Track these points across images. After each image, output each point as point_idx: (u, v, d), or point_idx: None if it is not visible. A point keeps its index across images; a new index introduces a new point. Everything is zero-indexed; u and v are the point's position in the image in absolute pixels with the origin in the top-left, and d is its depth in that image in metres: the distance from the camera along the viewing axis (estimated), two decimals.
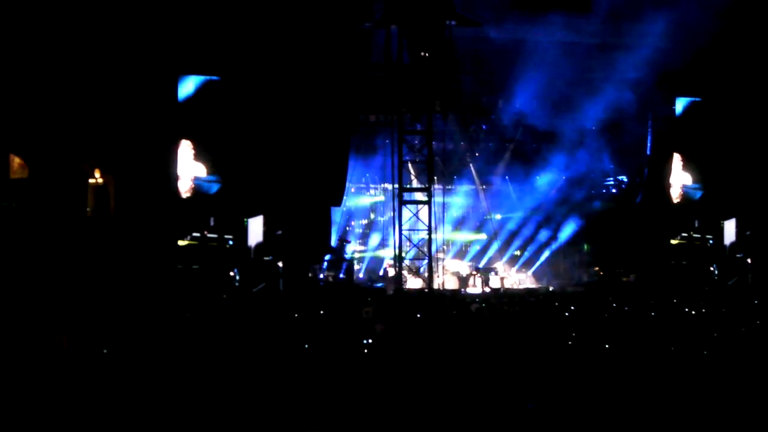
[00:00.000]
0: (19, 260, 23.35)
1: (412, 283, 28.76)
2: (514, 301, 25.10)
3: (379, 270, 32.04)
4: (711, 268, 31.07)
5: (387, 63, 26.51)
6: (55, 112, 24.63)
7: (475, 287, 30.57)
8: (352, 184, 32.17)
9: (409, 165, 28.26)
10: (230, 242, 27.76)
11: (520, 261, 33.17)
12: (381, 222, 32.56)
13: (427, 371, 15.99)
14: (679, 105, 31.55)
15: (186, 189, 27.51)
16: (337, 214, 31.05)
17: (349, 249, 30.82)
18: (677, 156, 31.57)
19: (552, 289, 30.57)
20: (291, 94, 27.06)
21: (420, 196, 27.51)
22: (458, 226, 33.13)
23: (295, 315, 21.46)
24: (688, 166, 31.66)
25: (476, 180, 33.81)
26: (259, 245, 28.17)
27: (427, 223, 27.11)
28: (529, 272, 33.14)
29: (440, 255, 29.95)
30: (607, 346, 18.05)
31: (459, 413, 13.82)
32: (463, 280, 30.87)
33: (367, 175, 32.84)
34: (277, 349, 17.68)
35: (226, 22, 25.97)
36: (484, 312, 22.61)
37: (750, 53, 29.38)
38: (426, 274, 27.50)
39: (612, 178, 33.36)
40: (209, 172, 27.60)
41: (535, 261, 33.05)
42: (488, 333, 19.61)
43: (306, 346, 18.03)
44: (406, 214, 27.42)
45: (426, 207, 27.14)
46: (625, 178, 33.14)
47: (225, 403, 15.71)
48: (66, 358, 16.28)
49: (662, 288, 27.48)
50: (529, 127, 32.71)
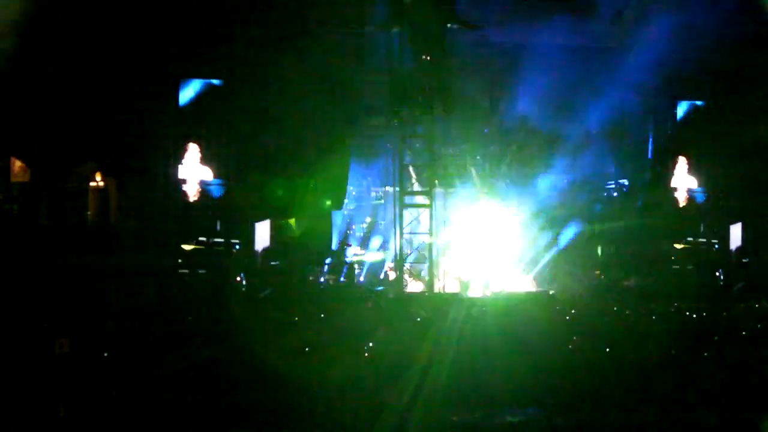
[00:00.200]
0: (19, 264, 23.35)
1: (413, 286, 28.70)
2: (515, 305, 25.05)
3: (379, 273, 31.98)
4: (716, 274, 30.97)
5: (388, 66, 26.47)
6: (55, 115, 24.63)
7: (476, 290, 30.50)
8: (354, 188, 32.13)
9: (411, 168, 28.18)
10: (237, 247, 27.64)
11: (522, 264, 33.07)
12: (382, 225, 32.48)
13: (429, 374, 15.98)
14: (684, 108, 31.49)
15: (193, 193, 27.41)
16: (338, 218, 30.99)
17: (349, 252, 30.77)
18: (683, 159, 31.44)
19: (553, 292, 30.50)
20: (291, 98, 27.03)
21: (421, 199, 27.46)
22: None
23: (295, 318, 21.45)
24: (693, 169, 31.56)
25: (478, 183, 33.75)
26: (266, 250, 28.06)
27: (428, 226, 27.05)
28: (530, 275, 33.06)
29: (441, 258, 29.88)
30: (607, 349, 18.03)
31: (462, 414, 13.81)
32: (464, 284, 30.79)
33: (369, 178, 32.79)
34: (277, 350, 17.67)
35: (227, 25, 25.99)
36: (485, 315, 22.58)
37: (754, 56, 29.34)
38: (427, 277, 27.43)
39: (613, 181, 33.28)
40: (216, 176, 27.63)
41: (537, 264, 32.97)
42: (489, 336, 19.59)
43: (306, 349, 18.03)
44: (408, 218, 27.35)
45: (427, 210, 27.09)
46: (626, 181, 33.06)
47: (226, 404, 15.69)
48: (66, 362, 16.26)
49: (665, 293, 27.32)
50: (531, 131, 32.66)
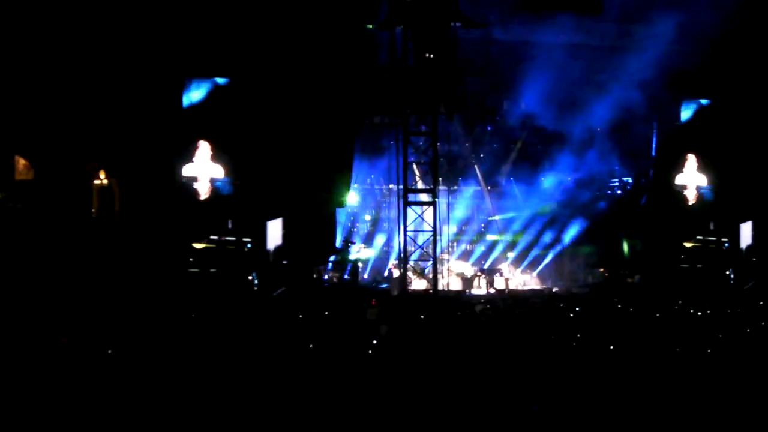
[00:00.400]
0: (24, 261, 23.40)
1: (417, 284, 28.76)
2: (519, 303, 25.08)
3: (383, 271, 32.05)
4: (727, 272, 30.89)
5: (392, 64, 26.51)
6: (60, 113, 24.68)
7: (479, 288, 30.56)
8: (358, 185, 32.18)
9: (414, 166, 28.24)
10: (249, 245, 27.61)
11: (525, 262, 33.15)
12: (386, 225, 32.55)
13: (432, 372, 15.99)
14: (691, 107, 31.43)
15: (204, 191, 27.39)
16: (341, 215, 31.03)
17: (353, 250, 30.81)
18: (693, 157, 31.36)
19: (556, 290, 30.54)
20: (297, 96, 27.06)
21: (425, 197, 27.51)
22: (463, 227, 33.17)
23: (300, 316, 21.47)
24: (702, 167, 31.47)
25: (481, 181, 33.82)
26: (278, 248, 28.03)
27: (431, 224, 27.11)
28: (533, 273, 33.12)
29: (445, 256, 29.95)
30: (611, 347, 18.03)
31: (463, 415, 13.82)
32: (468, 282, 30.86)
33: (372, 176, 32.85)
34: (282, 350, 17.68)
35: (233, 24, 26.01)
36: (488, 313, 22.60)
37: (760, 54, 29.28)
38: (431, 275, 27.48)
39: (617, 179, 33.31)
40: (227, 174, 27.69)
41: (540, 262, 33.03)
42: (493, 334, 19.60)
43: (311, 346, 18.05)
44: (411, 216, 27.40)
45: (431, 208, 27.14)
46: (630, 179, 33.07)
47: (229, 404, 15.72)
48: (70, 359, 16.30)
49: (675, 291, 27.23)
50: (535, 129, 32.71)
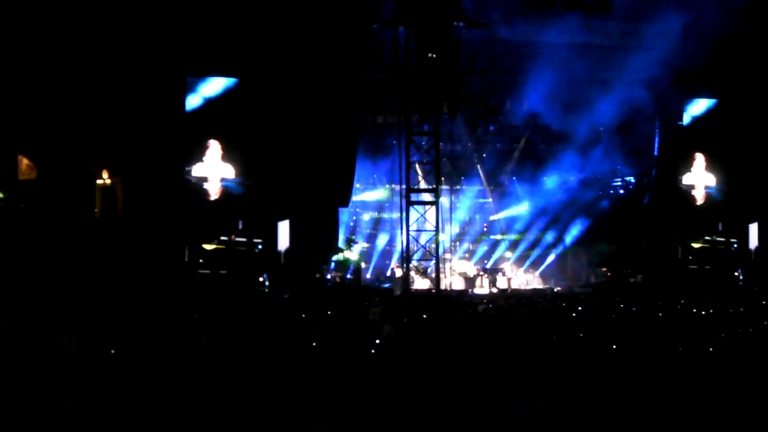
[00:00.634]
0: (27, 260, 23.44)
1: (420, 284, 28.75)
2: (522, 302, 25.08)
3: (386, 271, 32.08)
4: (735, 273, 30.75)
5: (395, 64, 26.50)
6: (63, 113, 24.73)
7: (482, 288, 30.57)
8: (361, 185, 32.20)
9: (417, 166, 28.22)
10: (260, 246, 27.59)
11: (528, 262, 33.17)
12: (388, 226, 32.57)
13: (435, 372, 16.00)
14: (698, 106, 31.38)
15: (215, 191, 27.40)
16: (344, 215, 31.05)
17: (354, 249, 30.80)
18: (701, 156, 31.30)
19: (559, 289, 30.55)
20: (299, 95, 27.09)
21: (427, 196, 27.48)
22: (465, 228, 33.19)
23: (303, 315, 21.49)
24: (710, 167, 31.40)
25: (484, 181, 33.84)
26: (288, 250, 27.97)
27: (434, 223, 27.09)
28: (536, 273, 33.13)
29: (447, 256, 29.94)
30: (614, 346, 18.03)
31: (465, 414, 13.83)
32: (471, 281, 30.88)
33: (375, 176, 32.88)
34: (285, 348, 17.71)
35: (237, 24, 26.05)
36: (491, 313, 22.61)
37: (767, 54, 29.23)
38: (433, 274, 27.47)
39: (620, 178, 33.30)
40: (238, 174, 27.57)
41: (543, 262, 33.05)
42: (495, 333, 19.61)
43: (314, 344, 18.07)
44: (414, 215, 27.38)
45: (433, 208, 27.12)
46: (632, 179, 33.06)
47: (232, 402, 15.74)
48: (73, 358, 16.33)
49: (678, 291, 27.17)
50: (538, 128, 32.71)
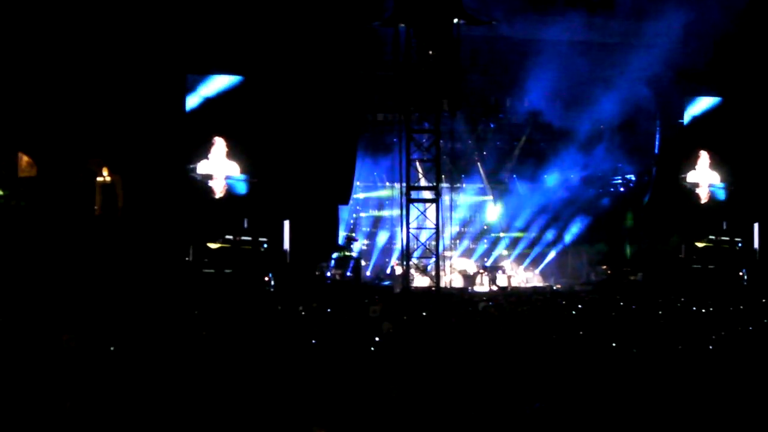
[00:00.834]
0: (27, 258, 23.44)
1: (420, 281, 28.77)
2: (522, 300, 25.08)
3: (386, 268, 32.08)
4: (740, 273, 30.67)
5: (395, 62, 26.51)
6: (63, 110, 24.73)
7: (482, 286, 30.58)
8: (361, 183, 32.19)
9: (417, 164, 28.23)
10: (265, 245, 27.56)
11: (528, 259, 33.17)
12: (388, 220, 32.57)
13: (434, 370, 15.99)
14: (701, 104, 31.37)
15: (220, 189, 27.44)
16: (344, 212, 31.05)
17: (355, 247, 30.82)
18: (705, 154, 31.29)
19: (559, 287, 30.55)
20: (300, 93, 27.09)
21: (427, 194, 27.48)
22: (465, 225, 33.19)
23: (302, 312, 21.48)
24: (715, 165, 31.33)
25: (484, 179, 33.83)
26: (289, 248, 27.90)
27: (434, 221, 27.08)
28: (536, 271, 33.13)
29: (447, 253, 29.93)
30: (614, 344, 18.02)
31: (465, 412, 13.82)
32: (471, 279, 30.88)
33: (375, 173, 32.87)
34: (283, 346, 17.70)
35: (236, 21, 26.04)
36: (491, 311, 22.59)
37: None
38: (433, 272, 27.47)
39: (620, 176, 33.28)
40: (243, 171, 27.53)
41: (543, 260, 33.05)
42: (495, 331, 19.61)
43: (313, 341, 18.06)
44: (414, 213, 27.38)
45: (433, 205, 27.12)
46: (633, 176, 33.03)
47: (231, 400, 15.72)
48: (73, 356, 16.32)
49: (678, 289, 27.11)
50: (538, 126, 32.70)
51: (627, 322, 20.88)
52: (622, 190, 33.34)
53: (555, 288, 30.34)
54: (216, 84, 27.11)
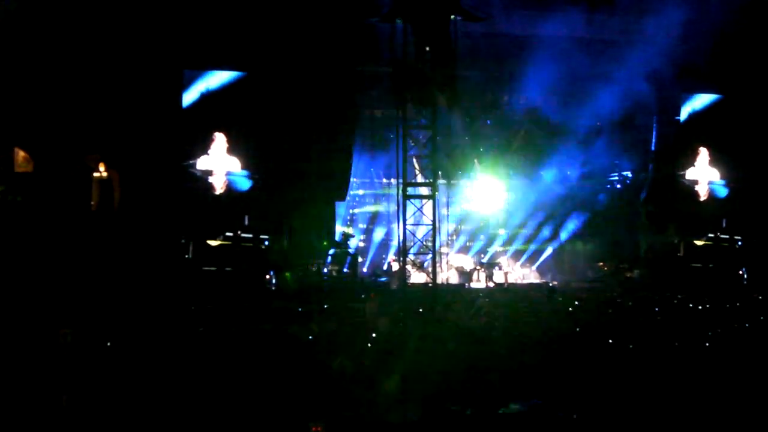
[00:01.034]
0: (23, 253, 23.40)
1: (416, 277, 28.73)
2: (518, 297, 25.09)
3: (383, 265, 32.06)
4: (740, 272, 30.60)
5: (392, 58, 26.45)
6: (59, 106, 24.67)
7: (479, 282, 30.56)
8: (358, 179, 32.15)
9: (414, 160, 28.15)
10: (266, 243, 27.45)
11: (525, 256, 33.14)
12: (385, 216, 32.54)
13: (432, 366, 15.98)
14: (701, 100, 31.32)
15: (220, 185, 27.38)
16: (341, 208, 31.02)
17: (351, 243, 30.79)
18: (705, 151, 31.19)
19: (555, 284, 30.53)
20: (296, 89, 27.06)
21: (424, 190, 27.40)
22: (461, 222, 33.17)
23: (299, 309, 21.48)
24: (714, 161, 31.22)
25: (481, 175, 33.77)
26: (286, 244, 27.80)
27: (431, 218, 27.01)
28: (533, 267, 33.11)
29: (444, 249, 29.91)
30: (610, 341, 18.04)
31: (463, 408, 13.83)
32: (467, 275, 30.86)
33: (372, 169, 32.82)
34: (280, 342, 17.69)
35: (235, 18, 26.02)
36: (488, 307, 22.60)
37: None
38: (430, 268, 27.42)
39: (617, 173, 33.25)
40: (244, 167, 27.35)
41: (540, 256, 33.02)
42: (491, 327, 19.61)
43: (310, 337, 18.07)
44: (411, 209, 27.30)
45: (430, 201, 27.04)
46: (630, 173, 33.01)
47: (228, 397, 15.69)
48: (69, 351, 16.31)
49: (675, 286, 27.10)
50: (536, 122, 32.64)
51: (623, 320, 20.91)
52: (618, 186, 33.31)
53: (552, 284, 30.33)
54: (214, 79, 27.06)
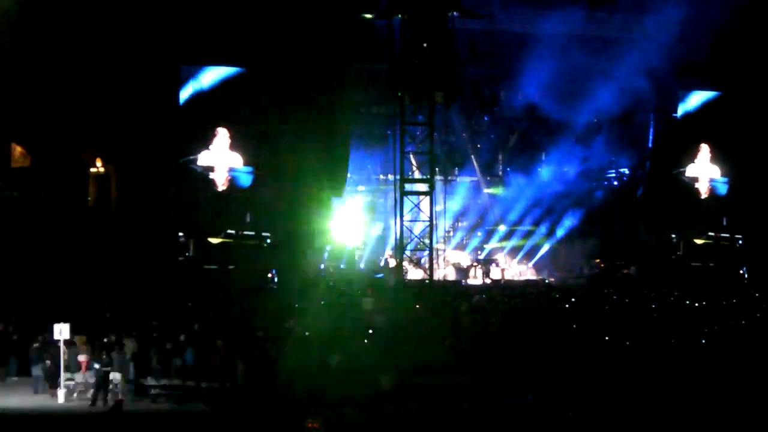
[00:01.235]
0: (20, 248, 23.39)
1: (413, 274, 28.68)
2: (515, 293, 25.07)
3: (380, 261, 32.00)
4: (740, 271, 30.49)
5: (390, 54, 26.44)
6: (56, 102, 24.64)
7: (475, 278, 30.53)
8: (355, 175, 32.06)
9: (411, 156, 28.11)
10: (268, 240, 27.34)
11: (521, 253, 33.10)
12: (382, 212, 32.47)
13: (429, 362, 16.02)
14: (699, 98, 31.26)
15: (222, 181, 27.29)
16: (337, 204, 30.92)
17: (348, 240, 30.71)
18: (705, 147, 31.10)
19: (552, 280, 30.52)
20: (292, 85, 27.04)
21: (422, 187, 27.37)
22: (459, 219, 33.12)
23: (296, 305, 21.48)
24: (715, 158, 31.14)
25: (478, 172, 33.73)
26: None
27: (428, 214, 26.97)
28: (529, 264, 33.07)
29: (441, 246, 29.86)
30: (606, 338, 18.06)
31: (460, 404, 13.85)
32: (464, 272, 30.83)
33: (369, 166, 32.74)
34: (280, 338, 17.71)
35: (232, 14, 26.00)
36: (482, 304, 22.60)
37: None
38: (427, 264, 27.39)
39: (614, 170, 33.23)
40: (246, 163, 27.19)
41: (536, 253, 32.98)
42: (489, 324, 19.63)
43: (307, 333, 18.09)
44: (408, 205, 27.27)
45: (427, 198, 27.01)
46: (627, 170, 32.98)
47: (226, 393, 15.72)
48: (66, 346, 16.32)
49: (671, 283, 27.06)
50: (533, 119, 32.60)
51: (620, 316, 20.92)
52: (615, 183, 33.30)
53: (548, 281, 30.33)
54: (212, 75, 27.02)
